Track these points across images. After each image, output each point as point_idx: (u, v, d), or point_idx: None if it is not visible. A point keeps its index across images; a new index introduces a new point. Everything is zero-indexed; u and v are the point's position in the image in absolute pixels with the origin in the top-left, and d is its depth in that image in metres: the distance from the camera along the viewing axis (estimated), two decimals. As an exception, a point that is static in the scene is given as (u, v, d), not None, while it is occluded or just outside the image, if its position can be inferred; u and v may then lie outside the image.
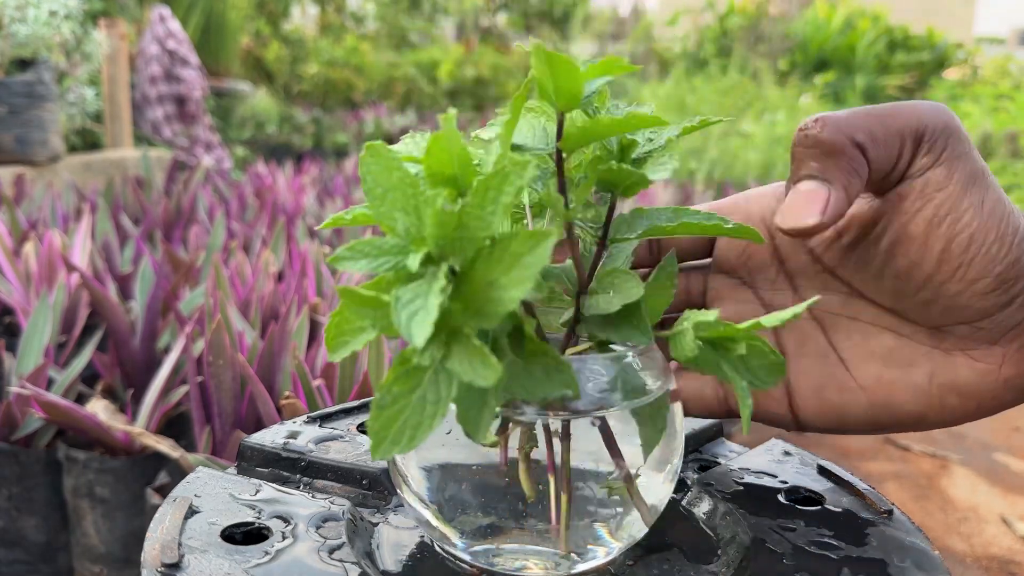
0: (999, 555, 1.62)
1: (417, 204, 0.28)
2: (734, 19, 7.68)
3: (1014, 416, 2.41)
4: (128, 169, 3.12)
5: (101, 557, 1.12)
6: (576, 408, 0.34)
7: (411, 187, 0.28)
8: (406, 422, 0.28)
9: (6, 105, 2.52)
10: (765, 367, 0.35)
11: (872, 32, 7.28)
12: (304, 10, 7.72)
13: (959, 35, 9.58)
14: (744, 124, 4.93)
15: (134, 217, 2.20)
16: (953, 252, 0.34)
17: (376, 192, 0.29)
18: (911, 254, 0.35)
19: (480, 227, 0.27)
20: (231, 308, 1.17)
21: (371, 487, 0.44)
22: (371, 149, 0.29)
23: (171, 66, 3.68)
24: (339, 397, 0.99)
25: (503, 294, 0.27)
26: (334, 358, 0.32)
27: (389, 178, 0.29)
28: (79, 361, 1.20)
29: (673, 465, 0.37)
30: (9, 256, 1.44)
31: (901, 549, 0.38)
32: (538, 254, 0.27)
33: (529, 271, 0.27)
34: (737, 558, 0.38)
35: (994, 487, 1.92)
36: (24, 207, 2.08)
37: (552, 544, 0.36)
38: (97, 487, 1.09)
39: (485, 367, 0.27)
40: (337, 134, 5.43)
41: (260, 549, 0.36)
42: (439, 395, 0.28)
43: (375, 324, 0.29)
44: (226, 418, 1.02)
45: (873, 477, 1.92)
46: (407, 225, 0.29)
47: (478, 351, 0.27)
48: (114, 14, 4.15)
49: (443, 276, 0.26)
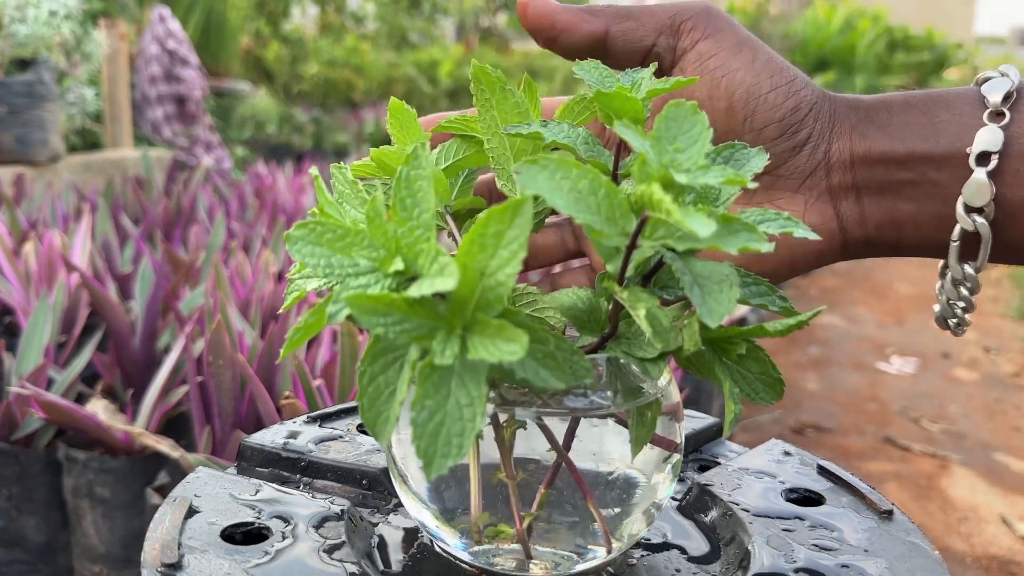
0: (999, 555, 1.62)
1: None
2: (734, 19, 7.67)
3: (1014, 416, 2.41)
4: (128, 169, 3.12)
5: (101, 557, 1.12)
6: (575, 407, 0.34)
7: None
8: (449, 432, 0.28)
9: (6, 105, 2.52)
10: (764, 380, 0.35)
11: (872, 32, 7.28)
12: (304, 10, 7.71)
13: (959, 35, 9.58)
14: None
15: (134, 217, 2.20)
16: (736, 106, 0.40)
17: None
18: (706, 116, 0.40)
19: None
20: (231, 308, 1.17)
21: (371, 487, 0.44)
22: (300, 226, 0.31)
23: (171, 66, 3.68)
24: (339, 397, 0.99)
25: (497, 277, 0.27)
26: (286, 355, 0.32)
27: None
28: (79, 361, 1.20)
29: (673, 465, 0.37)
30: (9, 256, 1.44)
31: (901, 549, 0.38)
32: (519, 224, 0.27)
33: (515, 244, 0.27)
34: (737, 558, 0.38)
35: (994, 487, 1.92)
36: (24, 207, 2.08)
37: (552, 544, 0.36)
38: (97, 487, 1.09)
39: (510, 340, 0.27)
40: (337, 134, 5.43)
41: (260, 549, 0.36)
42: (471, 395, 0.28)
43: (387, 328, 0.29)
44: (226, 418, 1.02)
45: (873, 477, 1.92)
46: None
47: (498, 327, 0.27)
48: (114, 14, 4.15)
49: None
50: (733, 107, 0.40)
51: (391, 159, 0.40)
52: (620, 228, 0.30)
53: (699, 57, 0.40)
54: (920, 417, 2.35)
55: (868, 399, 2.49)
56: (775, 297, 0.36)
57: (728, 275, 0.30)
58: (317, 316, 0.31)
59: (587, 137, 0.37)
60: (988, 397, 2.58)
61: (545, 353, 0.30)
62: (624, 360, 0.35)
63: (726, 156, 0.36)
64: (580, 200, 0.30)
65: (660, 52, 0.41)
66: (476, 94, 0.39)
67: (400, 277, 0.30)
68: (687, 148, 0.30)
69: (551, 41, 0.41)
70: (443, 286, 0.27)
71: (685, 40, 0.40)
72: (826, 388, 2.57)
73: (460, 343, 0.28)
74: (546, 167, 0.29)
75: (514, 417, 0.34)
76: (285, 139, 5.18)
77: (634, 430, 0.35)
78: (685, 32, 0.40)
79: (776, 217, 0.34)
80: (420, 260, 0.29)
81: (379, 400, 0.30)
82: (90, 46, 3.03)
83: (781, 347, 2.89)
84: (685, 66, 0.41)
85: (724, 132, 0.40)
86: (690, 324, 0.33)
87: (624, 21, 0.41)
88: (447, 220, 0.40)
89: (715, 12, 0.41)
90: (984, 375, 2.80)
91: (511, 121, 0.39)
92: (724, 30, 0.40)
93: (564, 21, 0.41)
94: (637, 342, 0.34)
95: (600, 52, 0.41)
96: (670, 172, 0.29)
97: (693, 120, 0.31)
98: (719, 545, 0.40)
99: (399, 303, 0.28)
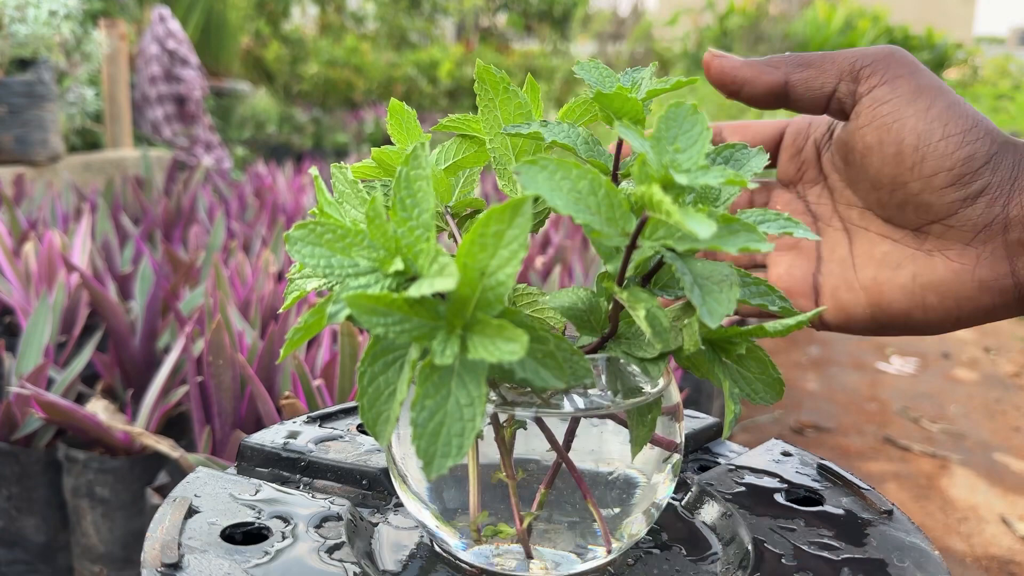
0: (999, 555, 1.62)
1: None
2: (734, 19, 7.68)
3: (1014, 416, 2.41)
4: (128, 169, 3.12)
5: (101, 557, 1.12)
6: (575, 407, 0.34)
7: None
8: (449, 432, 0.28)
9: (6, 105, 2.52)
10: (763, 380, 0.35)
11: (872, 32, 7.28)
12: (304, 10, 7.72)
13: (959, 35, 9.58)
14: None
15: (134, 217, 2.20)
16: (905, 152, 0.39)
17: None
18: (875, 160, 0.41)
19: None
20: (231, 308, 1.17)
21: (371, 487, 0.44)
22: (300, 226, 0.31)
23: (171, 66, 3.68)
24: (339, 397, 0.99)
25: (497, 277, 0.27)
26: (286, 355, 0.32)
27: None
28: (79, 361, 1.20)
29: (673, 465, 0.37)
30: (9, 256, 1.44)
31: (901, 549, 0.38)
32: (519, 224, 0.27)
33: (515, 244, 0.27)
34: (737, 558, 0.38)
35: (994, 487, 1.92)
36: (24, 207, 2.08)
37: (552, 544, 0.36)
38: (97, 487, 1.09)
39: (510, 340, 0.27)
40: (337, 134, 5.43)
41: (260, 549, 0.36)
42: (471, 395, 0.28)
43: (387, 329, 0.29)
44: (226, 418, 1.02)
45: (873, 477, 1.92)
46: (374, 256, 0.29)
47: (498, 327, 0.27)
48: (114, 14, 4.15)
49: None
50: (902, 153, 0.40)
51: (392, 159, 0.40)
52: (620, 228, 0.30)
53: (873, 102, 0.40)
54: (920, 417, 2.35)
55: (868, 399, 2.49)
56: (775, 297, 0.36)
57: (728, 275, 0.30)
58: (317, 316, 0.31)
59: (587, 137, 0.37)
60: (988, 397, 2.58)
61: (545, 353, 0.30)
62: (624, 360, 0.35)
63: (726, 156, 0.36)
64: (580, 200, 0.30)
65: (841, 97, 0.41)
66: (480, 94, 0.39)
67: (400, 277, 0.30)
68: (687, 148, 0.30)
69: (734, 93, 0.43)
70: (443, 286, 0.27)
71: (863, 85, 0.41)
72: (826, 388, 2.57)
73: (460, 343, 0.28)
74: (546, 167, 0.29)
75: (514, 417, 0.34)
76: (285, 139, 5.18)
77: (634, 430, 0.35)
78: (864, 78, 0.41)
79: (776, 217, 0.34)
80: (420, 260, 0.29)
81: (379, 400, 0.30)
82: (90, 46, 3.03)
83: (781, 347, 2.89)
84: (860, 111, 0.41)
85: (892, 177, 0.40)
86: (690, 324, 0.33)
87: (804, 70, 0.42)
88: (447, 220, 0.40)
89: (899, 58, 0.41)
90: (984, 375, 2.80)
91: (514, 121, 0.39)
92: (903, 76, 0.40)
93: (745, 75, 0.42)
94: (637, 342, 0.34)
95: (782, 100, 0.42)
96: (670, 173, 0.29)
97: (693, 120, 0.31)
98: (719, 545, 0.40)
99: (399, 303, 0.28)
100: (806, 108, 0.43)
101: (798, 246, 0.45)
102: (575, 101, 0.40)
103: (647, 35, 8.48)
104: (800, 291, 0.44)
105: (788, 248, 0.45)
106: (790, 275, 0.44)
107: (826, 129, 0.45)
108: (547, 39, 8.68)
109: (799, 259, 0.45)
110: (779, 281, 0.44)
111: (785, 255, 0.45)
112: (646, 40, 8.38)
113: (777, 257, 0.45)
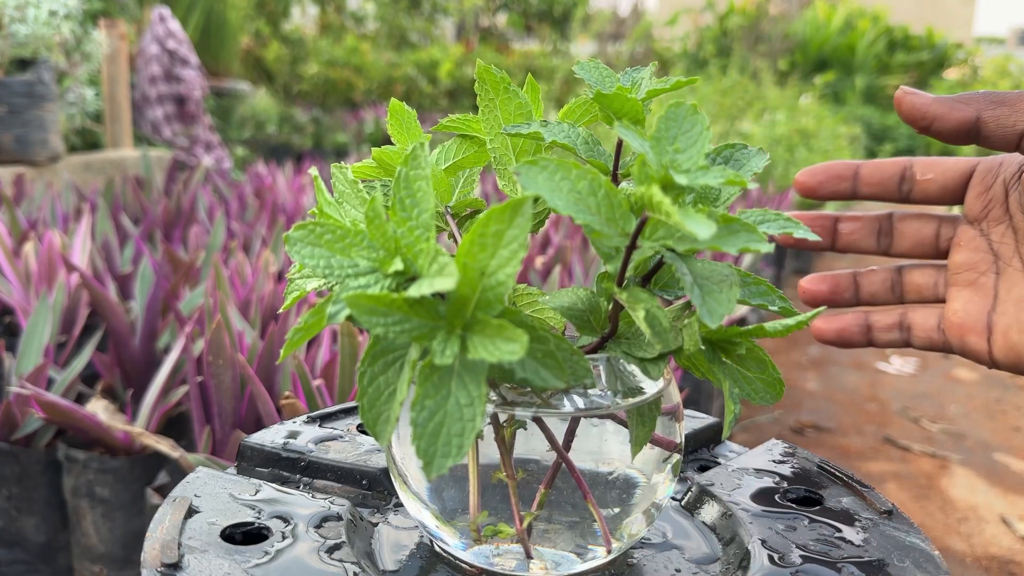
0: (999, 555, 1.62)
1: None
2: (734, 19, 7.68)
3: (1014, 416, 2.41)
4: (128, 169, 3.12)
5: (101, 557, 1.12)
6: (575, 407, 0.34)
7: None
8: (449, 432, 0.28)
9: (6, 105, 2.52)
10: (763, 380, 0.35)
11: (872, 32, 7.29)
12: (304, 10, 7.72)
13: (959, 35, 9.57)
14: (744, 124, 4.92)
15: (134, 217, 2.20)
16: None
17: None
18: None
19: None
20: (231, 308, 1.17)
21: (371, 487, 0.44)
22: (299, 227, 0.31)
23: (171, 66, 3.68)
24: (339, 397, 0.99)
25: (497, 277, 0.27)
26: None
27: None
28: (79, 361, 1.20)
29: (673, 465, 0.37)
30: (9, 256, 1.44)
31: (901, 549, 0.38)
32: (519, 224, 0.27)
33: (515, 244, 0.27)
34: (737, 558, 0.38)
35: (994, 487, 1.92)
36: (24, 207, 2.08)
37: (552, 544, 0.36)
38: (97, 487, 1.09)
39: (510, 340, 0.27)
40: (337, 134, 5.43)
41: (260, 549, 0.36)
42: (471, 395, 0.28)
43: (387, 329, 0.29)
44: (226, 418, 1.02)
45: (873, 477, 1.92)
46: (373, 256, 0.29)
47: (498, 327, 0.27)
48: (114, 14, 4.15)
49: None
50: None
51: (392, 159, 0.40)
52: (620, 229, 0.30)
53: None
54: (920, 417, 2.35)
55: (868, 399, 2.49)
56: (775, 297, 0.36)
57: (728, 275, 0.30)
58: (317, 316, 0.31)
59: (587, 137, 0.37)
60: (988, 397, 2.58)
61: (545, 353, 0.30)
62: (624, 360, 0.35)
63: (726, 156, 0.36)
64: (580, 201, 0.30)
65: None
66: (480, 94, 0.39)
67: (400, 277, 0.30)
68: (687, 149, 0.30)
69: (924, 129, 0.43)
70: (443, 286, 0.27)
71: None
72: (826, 388, 2.57)
73: (460, 343, 0.28)
74: (546, 168, 0.29)
75: (514, 417, 0.34)
76: (285, 139, 5.18)
77: (634, 430, 0.35)
78: None
79: (776, 218, 0.34)
80: (420, 260, 0.29)
81: (379, 400, 0.30)
82: (90, 46, 3.03)
83: (781, 347, 2.89)
84: None
85: None
86: (690, 324, 0.33)
87: (997, 107, 0.42)
88: (447, 220, 0.40)
89: None
90: (984, 375, 2.80)
91: (514, 121, 0.39)
92: None
93: (936, 111, 0.43)
94: (637, 342, 0.34)
95: (973, 136, 0.43)
96: (670, 173, 0.29)
97: (693, 120, 0.31)
98: (719, 545, 0.40)
99: (399, 303, 0.28)
100: (997, 145, 0.43)
101: (977, 283, 0.45)
102: (575, 101, 0.40)
103: (647, 35, 8.47)
104: (973, 327, 0.45)
105: (967, 284, 0.45)
106: (966, 311, 0.44)
107: (1016, 169, 0.45)
108: (547, 39, 8.68)
109: (977, 295, 0.44)
110: (954, 316, 0.44)
111: (964, 291, 0.45)
112: (646, 40, 8.38)
113: (956, 292, 0.45)
